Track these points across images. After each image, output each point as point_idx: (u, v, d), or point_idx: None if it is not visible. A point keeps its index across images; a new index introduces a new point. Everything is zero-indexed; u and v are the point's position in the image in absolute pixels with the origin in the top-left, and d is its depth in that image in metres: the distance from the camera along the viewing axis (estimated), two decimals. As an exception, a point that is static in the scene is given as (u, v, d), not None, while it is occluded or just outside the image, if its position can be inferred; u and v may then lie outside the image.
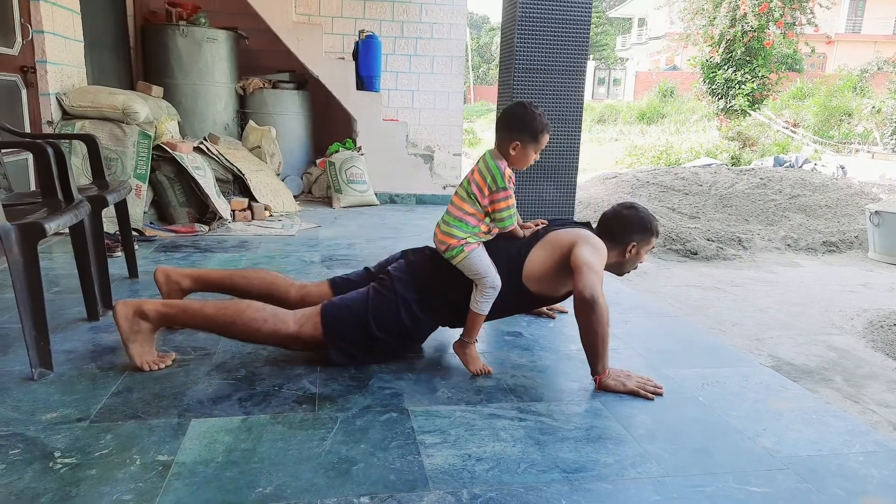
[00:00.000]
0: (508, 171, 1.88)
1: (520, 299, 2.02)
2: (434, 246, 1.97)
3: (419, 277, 1.96)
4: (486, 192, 1.88)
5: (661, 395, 1.82)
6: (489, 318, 2.00)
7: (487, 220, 1.94)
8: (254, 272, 2.23)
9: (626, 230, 2.04)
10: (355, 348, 1.93)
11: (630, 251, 2.05)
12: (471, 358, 1.95)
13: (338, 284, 2.14)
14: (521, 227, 2.03)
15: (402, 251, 2.12)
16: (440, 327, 2.06)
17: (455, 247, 1.88)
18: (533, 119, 1.85)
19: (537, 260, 1.95)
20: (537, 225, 2.06)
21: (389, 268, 2.02)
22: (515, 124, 1.86)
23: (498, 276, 1.89)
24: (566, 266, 1.91)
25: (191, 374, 1.82)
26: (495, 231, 2.00)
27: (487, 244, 1.97)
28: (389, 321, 1.90)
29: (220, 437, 1.49)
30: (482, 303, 1.90)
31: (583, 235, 1.94)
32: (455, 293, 1.94)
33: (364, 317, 1.90)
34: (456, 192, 1.94)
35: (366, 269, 2.20)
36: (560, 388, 1.88)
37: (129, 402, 1.65)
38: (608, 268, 2.02)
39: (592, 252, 1.88)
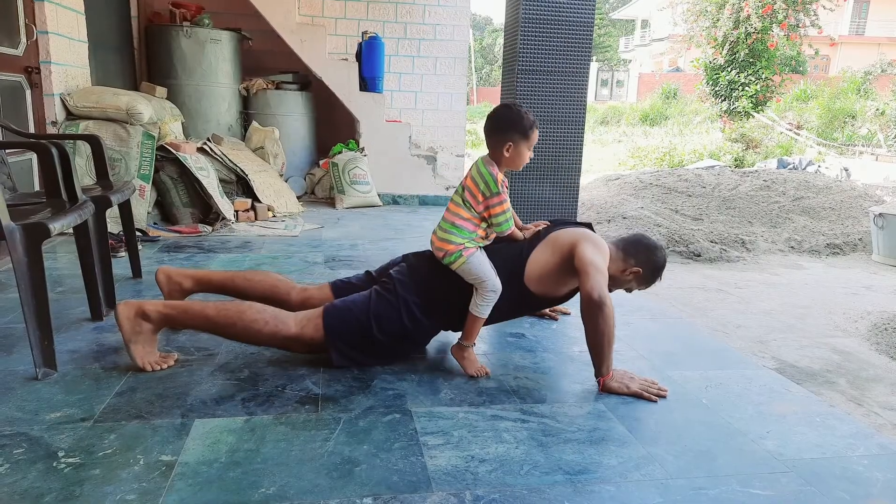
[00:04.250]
0: (501, 176, 1.88)
1: (522, 301, 2.01)
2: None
3: (421, 281, 1.95)
4: (481, 199, 1.87)
5: (664, 397, 1.82)
6: (491, 321, 2.00)
7: (484, 224, 1.93)
8: (256, 274, 2.23)
9: (643, 256, 2.01)
10: (356, 351, 1.92)
11: (628, 273, 2.01)
12: (469, 361, 1.95)
13: (339, 288, 2.14)
14: (521, 228, 2.03)
15: (404, 255, 2.12)
16: (442, 331, 2.06)
17: (453, 252, 1.88)
18: (520, 117, 1.86)
19: (539, 261, 1.95)
20: (537, 227, 2.06)
21: (391, 271, 2.02)
22: (504, 125, 1.86)
23: (498, 280, 1.89)
24: (568, 266, 1.91)
25: (194, 375, 1.83)
26: (493, 236, 1.99)
27: (487, 248, 1.96)
28: (391, 324, 1.90)
29: (224, 438, 1.49)
30: (482, 306, 1.89)
31: (584, 234, 1.94)
32: (457, 297, 1.93)
33: (366, 319, 1.89)
34: (451, 199, 1.94)
35: (367, 272, 2.19)
36: (563, 389, 1.88)
37: (132, 402, 1.65)
38: None
39: (595, 251, 1.88)
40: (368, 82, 5.38)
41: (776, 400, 1.86)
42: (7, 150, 2.56)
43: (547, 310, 2.50)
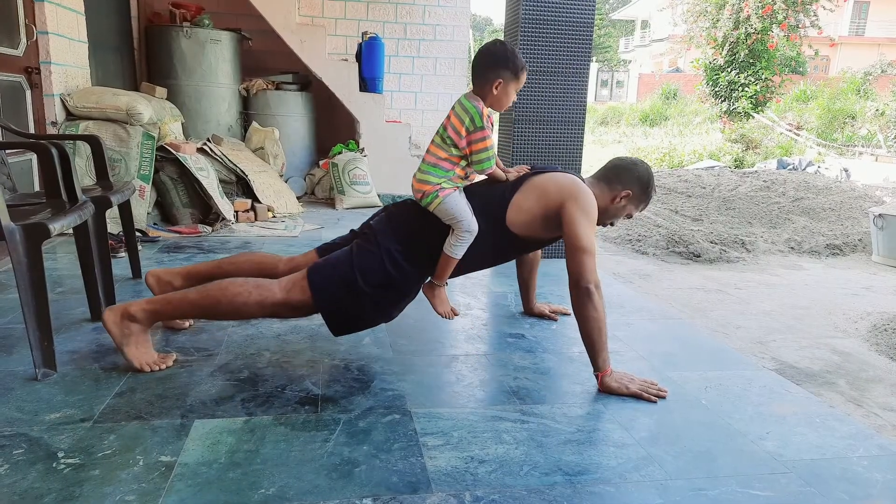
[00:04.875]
0: (486, 111, 1.87)
1: (507, 244, 2.00)
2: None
3: (401, 227, 1.94)
4: (464, 133, 1.85)
5: (664, 398, 1.82)
6: (480, 266, 2.02)
7: (463, 163, 1.92)
8: (241, 255, 2.22)
9: (627, 177, 2.01)
10: (345, 307, 1.89)
11: (620, 199, 2.02)
12: (439, 300, 1.97)
13: (324, 250, 2.12)
14: (504, 171, 2.01)
15: (385, 205, 2.10)
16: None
17: (430, 192, 1.87)
18: (514, 55, 1.85)
19: (523, 205, 1.93)
20: (520, 171, 2.03)
21: (371, 222, 2.02)
22: (497, 61, 1.84)
23: (475, 221, 1.88)
24: (554, 219, 1.90)
25: (194, 375, 1.83)
26: (473, 177, 1.98)
27: (469, 189, 1.95)
28: (375, 274, 1.87)
29: (223, 439, 1.49)
30: (456, 246, 1.88)
31: (572, 191, 1.89)
32: (437, 240, 1.92)
33: (350, 273, 1.86)
34: (431, 141, 1.93)
35: (351, 230, 2.16)
36: (563, 390, 1.88)
37: (132, 402, 1.65)
38: None
39: (585, 219, 1.85)
40: (368, 83, 5.37)
41: (776, 401, 1.86)
42: (7, 151, 2.56)
43: (547, 310, 2.50)
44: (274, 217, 4.29)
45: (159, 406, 1.63)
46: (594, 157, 13.76)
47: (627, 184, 2.01)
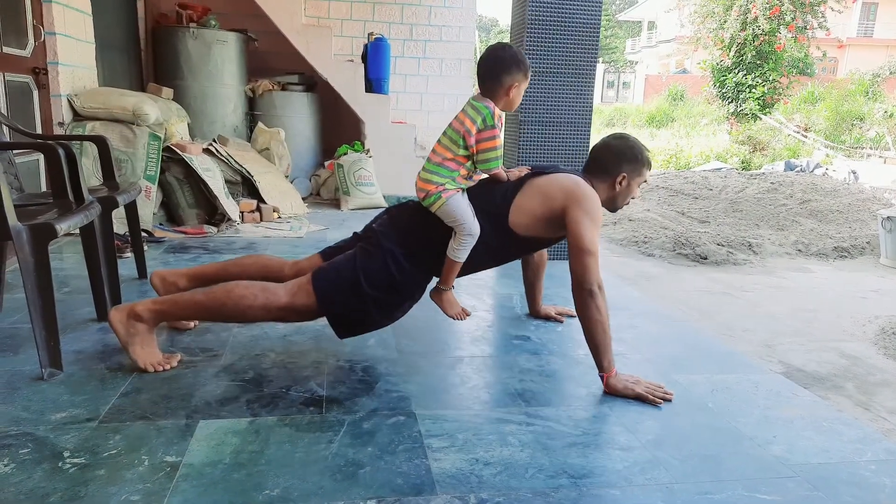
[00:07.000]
0: (498, 112, 1.87)
1: (511, 244, 2.00)
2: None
3: (403, 229, 1.95)
4: (475, 132, 1.85)
5: (670, 401, 1.81)
6: (484, 266, 2.02)
7: (469, 164, 1.92)
8: (247, 258, 2.23)
9: (615, 160, 2.01)
10: (350, 311, 1.90)
11: (620, 183, 2.01)
12: (448, 303, 1.97)
13: (328, 254, 2.12)
14: (505, 171, 2.01)
15: (387, 208, 2.10)
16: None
17: (433, 193, 1.87)
18: (523, 58, 1.88)
19: (525, 206, 1.93)
20: (521, 171, 2.03)
21: (374, 224, 2.02)
22: (510, 66, 1.85)
23: (476, 224, 1.88)
24: (557, 218, 1.90)
25: (199, 376, 1.83)
26: (476, 177, 1.99)
27: (471, 190, 1.96)
28: (379, 276, 1.88)
29: (228, 439, 1.49)
30: (459, 250, 1.89)
31: (576, 193, 1.89)
32: (440, 242, 1.92)
33: (354, 276, 1.87)
34: (438, 141, 1.93)
35: (354, 233, 2.16)
36: (568, 393, 1.87)
37: (137, 402, 1.65)
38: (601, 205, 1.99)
39: (588, 221, 1.85)
40: (374, 83, 5.38)
41: (783, 404, 1.85)
42: (14, 151, 2.57)
43: (553, 312, 2.50)
44: (279, 218, 4.30)
45: (164, 406, 1.64)
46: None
47: (617, 167, 2.00)
